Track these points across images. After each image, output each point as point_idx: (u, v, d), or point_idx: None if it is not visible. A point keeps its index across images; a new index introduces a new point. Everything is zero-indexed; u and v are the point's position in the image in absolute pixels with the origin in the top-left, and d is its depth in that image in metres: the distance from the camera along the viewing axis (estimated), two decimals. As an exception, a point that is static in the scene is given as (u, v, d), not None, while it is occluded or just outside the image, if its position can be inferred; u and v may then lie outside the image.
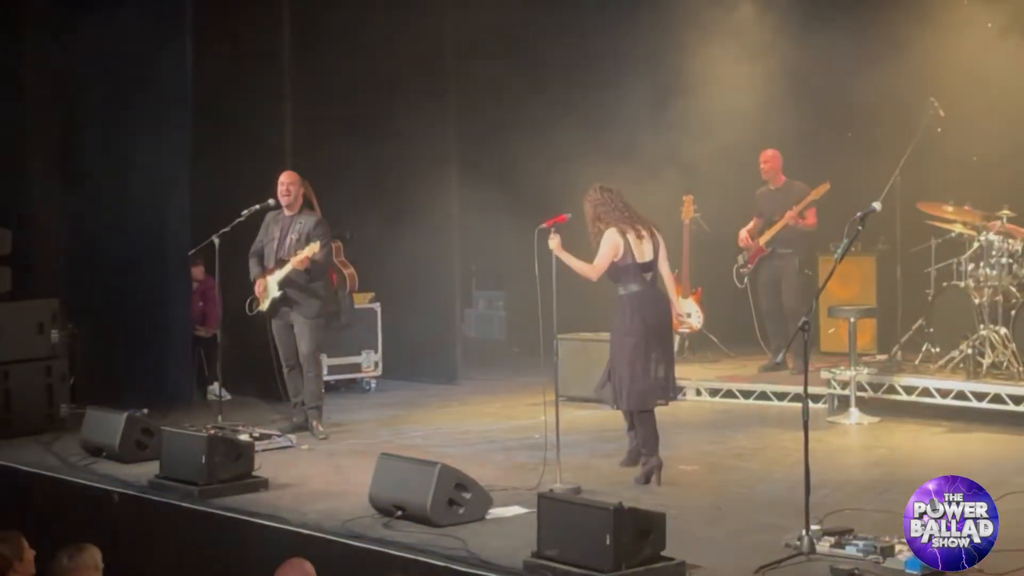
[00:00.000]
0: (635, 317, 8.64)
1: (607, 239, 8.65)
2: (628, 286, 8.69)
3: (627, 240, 8.64)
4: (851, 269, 12.78)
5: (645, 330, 8.64)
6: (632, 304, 8.67)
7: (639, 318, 8.64)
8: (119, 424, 9.75)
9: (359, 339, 12.92)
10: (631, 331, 8.64)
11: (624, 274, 8.67)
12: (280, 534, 7.82)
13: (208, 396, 12.19)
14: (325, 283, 10.64)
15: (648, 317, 8.67)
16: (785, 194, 12.18)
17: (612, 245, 8.63)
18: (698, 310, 12.88)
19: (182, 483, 8.73)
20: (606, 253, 8.64)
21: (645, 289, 8.72)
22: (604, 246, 8.66)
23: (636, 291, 8.68)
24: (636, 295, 8.68)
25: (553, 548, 6.81)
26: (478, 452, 9.94)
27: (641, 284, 8.70)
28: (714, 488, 8.68)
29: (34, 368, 11.05)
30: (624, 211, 8.74)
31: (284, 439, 10.21)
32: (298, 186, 10.56)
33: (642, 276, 8.70)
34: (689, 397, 12.05)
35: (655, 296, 8.80)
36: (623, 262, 8.64)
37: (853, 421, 10.74)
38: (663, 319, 8.81)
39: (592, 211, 8.75)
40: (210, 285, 12.00)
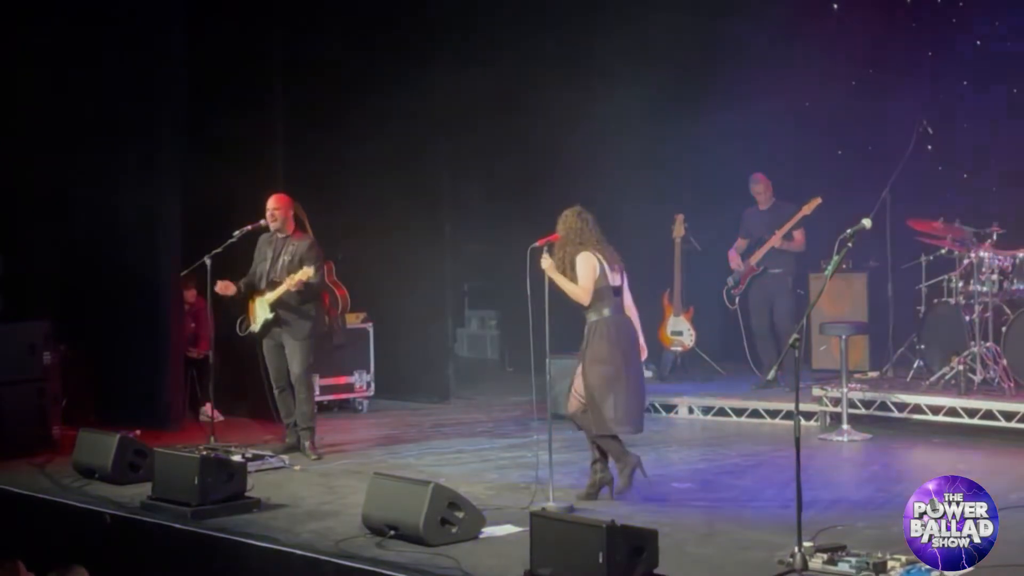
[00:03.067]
0: (611, 344, 8.61)
1: (584, 261, 8.59)
2: (601, 311, 8.63)
3: (602, 264, 8.62)
4: (842, 286, 12.82)
5: (621, 357, 8.64)
6: (607, 330, 8.62)
7: (616, 347, 8.62)
8: (111, 445, 9.75)
9: (352, 359, 12.92)
10: (606, 359, 8.60)
11: (599, 298, 8.63)
12: (273, 555, 7.80)
13: (200, 417, 12.19)
14: (317, 304, 10.64)
15: (623, 343, 8.67)
16: (774, 215, 12.20)
17: (591, 266, 8.59)
18: (690, 328, 12.91)
19: (175, 504, 8.71)
20: (587, 274, 8.59)
21: (617, 314, 8.70)
22: (583, 267, 8.59)
23: (608, 316, 8.64)
24: (609, 320, 8.64)
25: (546, 566, 6.81)
26: (471, 471, 9.94)
27: (613, 309, 8.67)
28: (707, 506, 8.68)
29: (26, 390, 11.04)
30: (598, 237, 8.70)
31: (277, 459, 10.20)
32: (285, 210, 10.54)
33: (614, 300, 8.69)
34: (681, 415, 12.08)
35: (626, 322, 8.78)
36: (599, 284, 8.62)
37: (845, 438, 10.75)
38: (635, 346, 8.81)
39: (565, 234, 8.67)
40: (202, 306, 12.01)
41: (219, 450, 10.00)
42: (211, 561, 8.20)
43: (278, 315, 10.39)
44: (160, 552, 8.50)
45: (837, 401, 11.03)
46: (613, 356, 8.61)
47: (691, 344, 12.98)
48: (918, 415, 10.79)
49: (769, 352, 12.18)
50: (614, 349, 8.62)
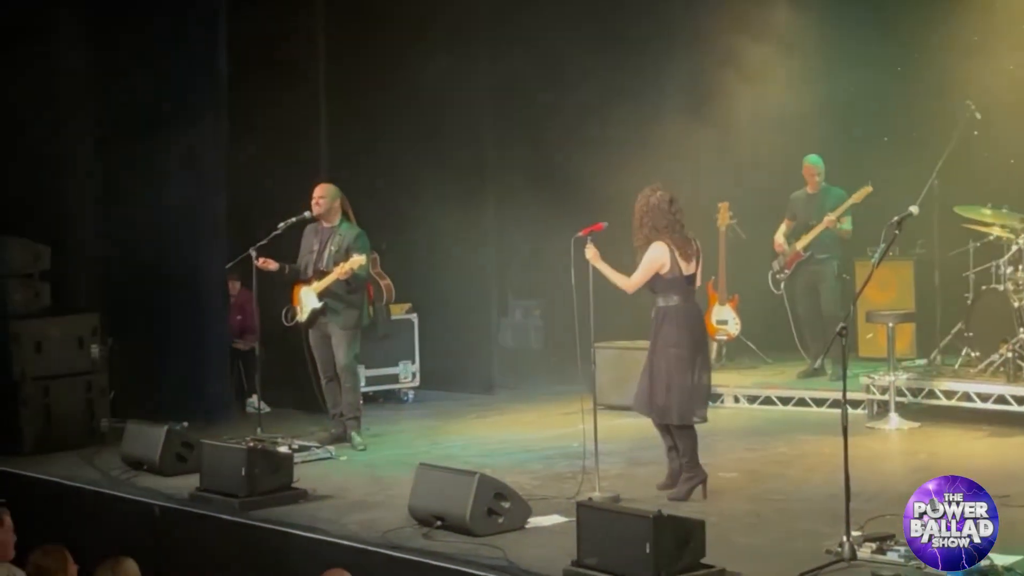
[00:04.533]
0: (681, 330, 8.49)
1: (653, 254, 8.44)
2: (670, 298, 8.51)
3: (674, 255, 8.46)
4: (889, 274, 12.72)
5: (691, 343, 8.52)
6: (677, 317, 8.49)
7: (686, 331, 8.50)
8: (159, 437, 9.81)
9: (396, 350, 12.95)
10: (678, 343, 8.47)
11: (669, 287, 8.49)
12: (320, 545, 7.84)
13: (247, 409, 12.24)
14: (362, 294, 10.67)
15: (694, 330, 8.57)
16: (822, 199, 12.14)
17: (656, 262, 8.44)
18: (735, 317, 12.87)
19: (222, 495, 8.76)
20: (648, 269, 8.46)
21: (687, 302, 8.55)
22: (648, 261, 8.45)
23: (678, 304, 8.50)
24: (680, 308, 8.51)
25: (593, 557, 6.81)
26: (516, 461, 9.94)
27: (684, 297, 8.52)
28: (753, 495, 8.64)
29: (75, 383, 11.13)
30: (677, 223, 8.52)
31: (323, 450, 10.24)
32: (331, 198, 10.57)
33: (686, 289, 8.55)
34: (727, 404, 12.04)
35: (696, 309, 8.69)
36: (670, 275, 8.47)
37: (893, 427, 10.69)
38: (704, 332, 8.77)
39: (641, 215, 8.53)
40: (247, 298, 12.05)
41: (266, 441, 10.06)
42: (259, 552, 8.25)
43: (325, 304, 10.42)
44: (208, 543, 8.55)
45: (884, 389, 10.97)
46: (683, 341, 8.48)
47: (736, 333, 12.94)
48: (966, 403, 10.71)
49: (816, 338, 12.12)
50: (685, 334, 8.50)
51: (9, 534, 6.74)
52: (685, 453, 8.56)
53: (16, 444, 10.78)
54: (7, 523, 6.76)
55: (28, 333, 10.96)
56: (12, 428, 10.84)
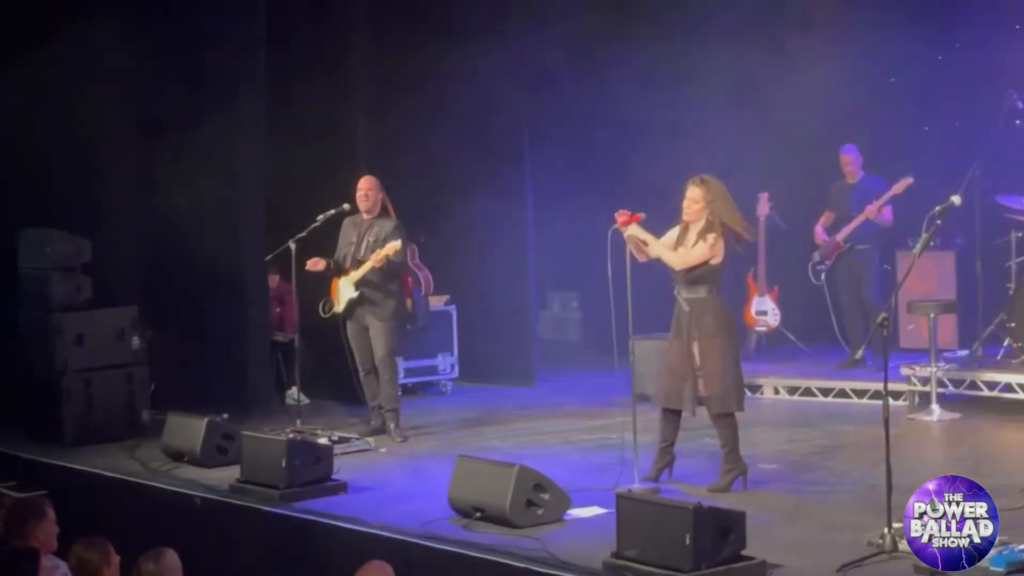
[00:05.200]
0: (725, 320, 8.55)
1: (715, 242, 8.43)
2: (712, 288, 8.53)
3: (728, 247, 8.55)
4: (930, 264, 12.63)
5: (732, 333, 8.60)
6: (717, 307, 8.53)
7: (727, 322, 8.57)
8: (200, 429, 9.86)
9: (435, 342, 12.95)
10: (722, 333, 8.51)
11: (712, 277, 8.54)
12: (360, 536, 7.86)
13: (287, 400, 12.28)
14: (400, 286, 10.68)
15: (732, 321, 8.68)
16: (862, 189, 12.08)
17: (715, 251, 8.47)
18: (774, 308, 12.83)
19: (263, 487, 8.81)
20: (707, 254, 8.46)
21: (721, 294, 8.64)
22: (712, 246, 8.44)
23: (718, 295, 8.57)
24: (720, 300, 8.58)
25: (632, 548, 6.79)
26: (555, 453, 9.93)
27: (720, 289, 8.62)
28: (794, 487, 8.61)
29: (115, 375, 11.20)
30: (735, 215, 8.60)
31: (362, 442, 10.26)
32: (376, 191, 10.61)
33: (722, 282, 8.65)
34: (767, 395, 11.99)
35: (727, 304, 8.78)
36: (720, 267, 8.54)
37: (934, 418, 10.62)
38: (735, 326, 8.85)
39: (713, 197, 8.50)
40: (286, 290, 12.09)
41: (305, 433, 10.09)
42: (299, 543, 8.28)
43: (363, 295, 10.44)
44: (249, 534, 8.59)
45: (926, 380, 10.90)
46: (727, 331, 8.54)
47: (776, 324, 12.89)
48: (1008, 394, 10.64)
49: (857, 329, 12.07)
50: (727, 325, 8.56)
51: (52, 526, 6.79)
52: (726, 444, 8.54)
53: (58, 436, 10.85)
54: (50, 515, 6.81)
55: (70, 326, 11.03)
56: (54, 420, 10.92)
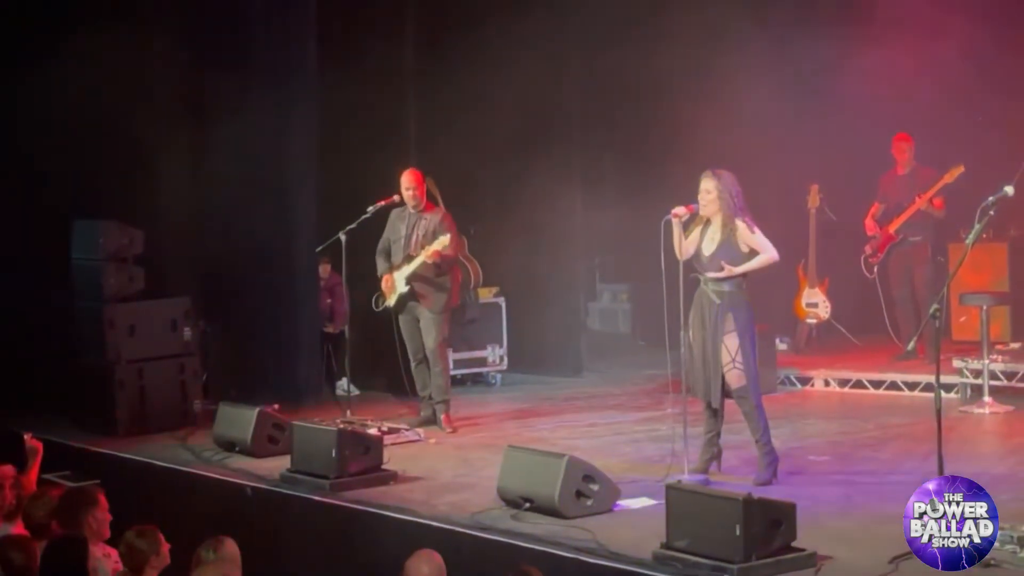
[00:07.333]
0: (751, 314, 8.52)
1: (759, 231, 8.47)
2: (742, 283, 8.49)
3: None
4: (982, 256, 12.52)
5: (753, 326, 8.58)
6: (744, 301, 8.51)
7: (751, 315, 8.54)
8: (251, 419, 9.92)
9: (484, 333, 12.98)
10: (750, 327, 8.49)
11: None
12: (410, 526, 7.89)
13: (337, 391, 12.35)
14: (450, 277, 10.70)
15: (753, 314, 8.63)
16: (913, 179, 12.00)
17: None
18: (825, 300, 12.76)
19: (313, 476, 8.85)
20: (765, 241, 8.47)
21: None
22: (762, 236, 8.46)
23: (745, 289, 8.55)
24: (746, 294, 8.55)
25: (682, 539, 6.79)
26: (605, 444, 9.93)
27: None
28: (845, 478, 8.57)
29: (168, 365, 11.28)
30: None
31: (412, 433, 10.29)
32: (421, 187, 10.60)
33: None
34: (817, 387, 11.94)
35: None
36: None
37: (986, 410, 10.54)
38: None
39: (737, 193, 8.48)
40: (337, 282, 12.14)
41: (356, 423, 10.13)
42: (349, 533, 8.32)
43: (413, 289, 10.47)
44: (299, 524, 8.64)
45: (978, 373, 10.82)
46: (752, 324, 8.51)
47: (826, 316, 12.82)
48: (1062, 386, 10.57)
49: (909, 321, 11.99)
50: (751, 318, 8.53)
51: (104, 514, 6.86)
52: (763, 435, 8.50)
53: (111, 426, 10.95)
54: (102, 503, 6.89)
55: (122, 317, 11.13)
56: (107, 410, 11.01)
